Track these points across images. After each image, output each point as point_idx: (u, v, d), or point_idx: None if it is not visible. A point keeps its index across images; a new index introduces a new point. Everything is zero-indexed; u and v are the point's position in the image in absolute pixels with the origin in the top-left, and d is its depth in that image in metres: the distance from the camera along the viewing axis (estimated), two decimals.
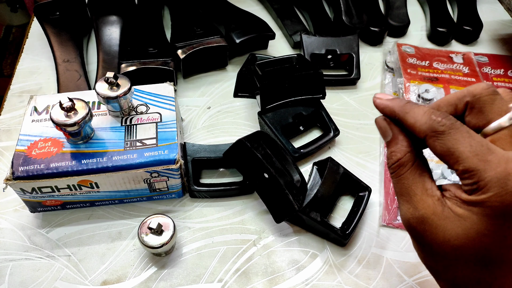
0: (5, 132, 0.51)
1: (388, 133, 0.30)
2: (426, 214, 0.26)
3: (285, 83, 0.50)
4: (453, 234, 0.25)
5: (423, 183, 0.27)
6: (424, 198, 0.27)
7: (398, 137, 0.29)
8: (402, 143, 0.29)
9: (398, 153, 0.29)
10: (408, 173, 0.28)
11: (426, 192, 0.27)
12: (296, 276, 0.41)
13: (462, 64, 0.60)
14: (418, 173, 0.28)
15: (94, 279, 0.40)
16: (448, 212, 0.26)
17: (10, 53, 1.64)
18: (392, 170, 0.29)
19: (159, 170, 0.41)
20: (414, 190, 0.27)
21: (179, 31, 0.58)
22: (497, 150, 0.25)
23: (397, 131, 0.29)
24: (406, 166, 0.28)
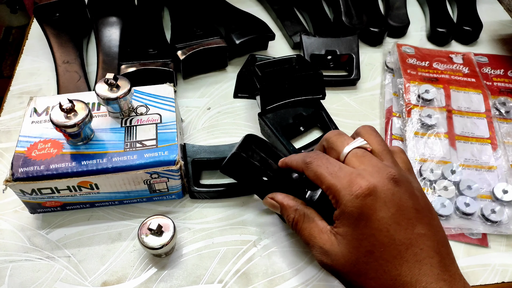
0: (5, 133, 0.51)
1: (276, 205, 0.37)
2: (327, 247, 0.32)
3: (285, 84, 0.50)
4: (347, 254, 0.30)
5: (316, 226, 0.33)
6: (321, 237, 0.32)
7: (284, 204, 0.37)
8: (288, 206, 0.36)
9: (290, 215, 0.36)
10: (303, 224, 0.34)
11: (321, 231, 0.33)
12: (297, 277, 0.41)
13: (462, 65, 0.60)
14: (311, 220, 0.34)
15: (94, 280, 0.40)
16: (339, 238, 0.31)
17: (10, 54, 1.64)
18: (294, 229, 0.35)
19: (159, 171, 0.41)
20: (313, 235, 0.33)
21: (179, 32, 0.58)
22: (346, 168, 0.32)
23: (281, 199, 0.37)
24: (300, 221, 0.35)
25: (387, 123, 0.53)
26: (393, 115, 0.54)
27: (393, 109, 0.55)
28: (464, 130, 0.52)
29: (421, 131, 0.51)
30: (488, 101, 0.55)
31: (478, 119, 0.53)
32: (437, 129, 0.51)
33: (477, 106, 0.54)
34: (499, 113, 0.55)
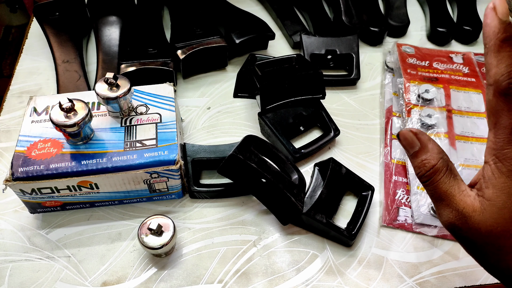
0: (5, 133, 0.51)
1: (415, 143, 0.31)
2: (468, 213, 0.28)
3: (285, 84, 0.50)
4: (493, 224, 0.27)
5: (458, 186, 0.29)
6: (463, 199, 0.29)
7: (427, 146, 0.31)
8: (433, 150, 0.30)
9: (431, 160, 0.30)
10: (445, 177, 0.30)
11: (463, 193, 0.29)
12: (297, 277, 0.41)
13: (462, 64, 0.60)
14: (453, 177, 0.30)
15: (94, 280, 0.40)
16: (485, 205, 0.27)
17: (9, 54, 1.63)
18: (427, 178, 0.30)
19: (159, 171, 0.41)
20: (452, 193, 0.29)
21: (179, 32, 0.58)
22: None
23: (426, 140, 0.31)
24: (441, 172, 0.30)
25: (387, 123, 0.53)
26: (393, 115, 0.54)
27: (393, 109, 0.55)
28: (464, 130, 0.52)
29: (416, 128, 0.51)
30: None
31: (478, 119, 0.53)
32: (437, 129, 0.51)
33: (477, 106, 0.54)
34: None
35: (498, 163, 0.27)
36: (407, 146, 0.32)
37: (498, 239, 0.27)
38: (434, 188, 0.30)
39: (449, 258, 0.42)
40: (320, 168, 0.46)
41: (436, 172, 0.30)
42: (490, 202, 0.27)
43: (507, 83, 0.25)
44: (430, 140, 0.31)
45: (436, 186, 0.30)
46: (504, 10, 0.26)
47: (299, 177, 0.44)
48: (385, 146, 0.51)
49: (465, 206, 0.28)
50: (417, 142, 0.31)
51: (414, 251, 0.43)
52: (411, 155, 0.31)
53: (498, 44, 0.26)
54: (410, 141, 0.31)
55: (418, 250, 0.43)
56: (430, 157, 0.30)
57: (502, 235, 0.27)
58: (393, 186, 0.47)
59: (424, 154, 0.31)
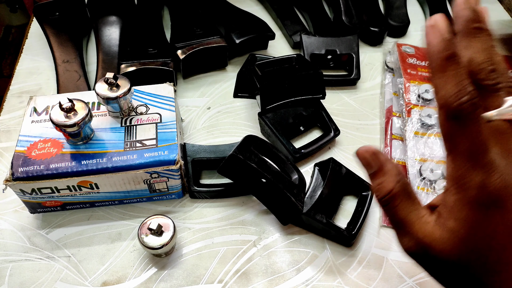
0: (5, 132, 0.51)
1: (372, 164, 0.28)
2: (427, 242, 0.26)
3: (285, 84, 0.50)
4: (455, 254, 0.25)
5: (417, 211, 0.27)
6: (421, 227, 0.27)
7: (384, 168, 0.28)
8: (390, 172, 0.28)
9: (388, 184, 0.28)
10: (402, 203, 0.27)
11: (421, 220, 0.27)
12: (297, 277, 0.41)
13: None
14: (410, 202, 0.27)
15: (94, 280, 0.40)
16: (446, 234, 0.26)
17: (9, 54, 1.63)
18: (384, 203, 0.28)
19: (159, 170, 0.41)
20: (410, 220, 0.27)
21: (179, 32, 0.58)
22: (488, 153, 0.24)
23: (383, 161, 0.28)
24: (399, 197, 0.27)
25: (387, 123, 0.53)
26: (393, 115, 0.54)
27: (393, 109, 0.55)
28: None
29: (421, 130, 0.51)
30: None
31: None
32: (437, 129, 0.51)
33: None
34: None
35: (460, 193, 0.25)
36: (364, 166, 0.29)
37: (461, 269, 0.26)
38: (393, 214, 0.28)
39: None
40: (320, 168, 0.46)
41: (393, 197, 0.28)
42: (453, 232, 0.25)
43: (457, 105, 0.23)
44: (387, 161, 0.28)
45: (394, 212, 0.28)
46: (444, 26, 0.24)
47: (299, 177, 0.44)
48: (385, 146, 0.51)
49: (425, 235, 0.26)
50: (374, 162, 0.28)
51: None
52: (369, 176, 0.29)
53: (443, 63, 0.24)
54: (367, 161, 0.29)
55: None
56: (386, 180, 0.28)
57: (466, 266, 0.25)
58: None
59: (381, 176, 0.28)
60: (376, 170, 0.28)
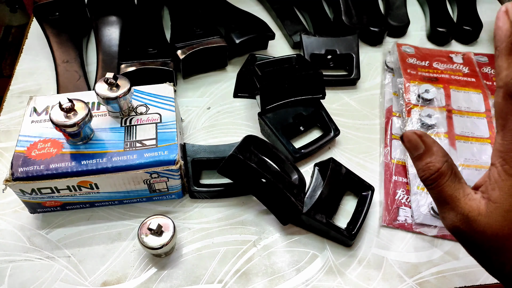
0: (5, 133, 0.51)
1: (420, 146, 0.30)
2: (473, 216, 0.28)
3: (285, 84, 0.50)
4: (500, 226, 0.27)
5: (463, 189, 0.29)
6: (468, 202, 0.28)
7: (432, 148, 0.30)
8: (438, 153, 0.30)
9: (436, 163, 0.29)
10: (449, 181, 0.29)
11: (468, 197, 0.28)
12: (297, 277, 0.41)
13: (462, 64, 0.60)
14: (457, 180, 0.29)
15: (94, 280, 0.40)
16: (491, 207, 0.27)
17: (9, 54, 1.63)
18: (432, 181, 0.30)
19: (159, 171, 0.41)
20: (457, 197, 0.29)
21: (179, 32, 0.58)
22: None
23: (430, 142, 0.30)
24: (446, 175, 0.29)
25: (387, 123, 0.53)
26: (393, 115, 0.54)
27: (393, 109, 0.55)
28: (464, 130, 0.52)
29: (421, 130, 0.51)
30: (488, 101, 0.55)
31: (478, 119, 0.53)
32: (437, 129, 0.51)
33: (477, 106, 0.54)
34: None
35: (505, 166, 0.27)
36: (411, 148, 0.31)
37: (504, 241, 0.27)
38: (439, 192, 0.30)
39: (449, 258, 0.42)
40: (320, 168, 0.46)
41: (441, 175, 0.29)
42: (497, 204, 0.27)
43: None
44: (434, 142, 0.30)
45: (441, 190, 0.29)
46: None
47: (299, 177, 0.44)
48: (385, 146, 0.51)
49: (471, 210, 0.28)
50: (422, 144, 0.30)
51: (414, 251, 0.43)
52: (415, 158, 0.31)
53: (510, 47, 0.25)
54: (414, 143, 0.30)
55: (418, 250, 0.43)
56: (435, 160, 0.30)
57: (508, 238, 0.27)
58: (393, 186, 0.47)
59: (428, 157, 0.30)
60: (423, 151, 0.30)
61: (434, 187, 0.30)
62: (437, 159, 0.30)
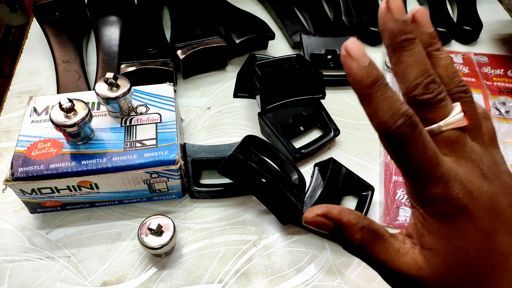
0: (5, 132, 0.51)
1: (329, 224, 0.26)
2: (413, 274, 0.25)
3: (285, 84, 0.50)
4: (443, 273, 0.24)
5: (391, 246, 0.25)
6: (402, 260, 0.25)
7: (342, 221, 0.25)
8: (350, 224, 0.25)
9: (355, 235, 0.25)
10: (377, 246, 0.25)
11: (399, 253, 0.25)
12: (297, 277, 0.41)
13: (462, 64, 0.60)
14: (382, 240, 0.25)
15: (94, 280, 0.40)
16: (427, 256, 0.24)
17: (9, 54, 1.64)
18: (360, 253, 0.26)
19: (159, 171, 0.41)
20: (390, 259, 0.25)
21: (179, 32, 0.58)
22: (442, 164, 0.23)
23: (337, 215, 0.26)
24: (371, 242, 0.25)
25: None
26: None
27: None
28: None
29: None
30: (488, 101, 0.55)
31: None
32: None
33: None
34: (499, 113, 0.55)
35: (425, 208, 0.24)
36: (322, 229, 0.26)
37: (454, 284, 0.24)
38: (373, 260, 0.26)
39: None
40: (320, 168, 0.46)
41: (366, 244, 0.25)
42: (432, 251, 0.24)
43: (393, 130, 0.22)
44: (340, 212, 0.26)
45: (372, 258, 0.25)
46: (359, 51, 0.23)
47: (299, 177, 0.44)
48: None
49: (409, 267, 0.25)
50: (329, 223, 0.26)
51: None
52: (331, 235, 0.26)
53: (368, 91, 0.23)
54: (320, 223, 0.26)
55: None
56: (351, 232, 0.25)
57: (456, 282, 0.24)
58: (393, 186, 0.47)
59: (345, 231, 0.26)
60: (335, 229, 0.26)
61: (366, 260, 0.26)
62: (353, 230, 0.25)
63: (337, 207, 0.26)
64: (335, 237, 0.26)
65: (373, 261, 0.26)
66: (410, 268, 0.25)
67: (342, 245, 0.26)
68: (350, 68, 0.23)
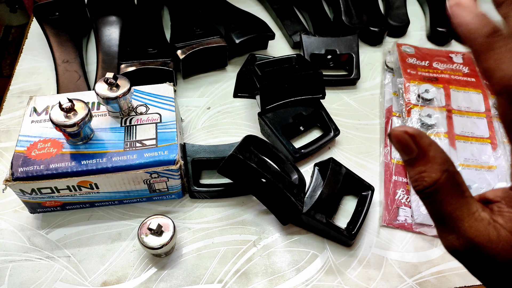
0: (5, 132, 0.51)
1: (412, 149, 0.23)
2: (480, 242, 0.22)
3: (284, 83, 0.50)
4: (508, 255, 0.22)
5: (468, 206, 0.23)
6: (473, 225, 0.23)
7: (428, 153, 0.23)
8: (435, 160, 0.23)
9: (432, 174, 0.23)
10: (450, 196, 0.23)
11: (473, 217, 0.23)
12: (296, 277, 0.41)
13: (462, 64, 0.60)
14: (460, 194, 0.23)
15: (94, 280, 0.40)
16: (503, 234, 0.22)
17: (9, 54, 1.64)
18: (427, 194, 0.23)
19: (159, 170, 0.41)
20: (459, 217, 0.23)
21: (179, 32, 0.58)
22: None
23: (425, 145, 0.23)
24: (445, 189, 0.23)
25: (387, 123, 0.53)
26: (393, 115, 0.54)
27: (393, 109, 0.55)
28: (464, 130, 0.52)
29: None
30: (488, 100, 0.55)
31: (478, 118, 0.53)
32: (437, 129, 0.51)
33: (477, 105, 0.54)
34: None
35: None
36: (401, 151, 0.23)
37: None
38: (435, 208, 0.23)
39: (449, 258, 0.42)
40: (320, 168, 0.46)
41: (439, 189, 0.23)
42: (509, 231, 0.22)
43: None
44: (431, 145, 0.23)
45: (438, 206, 0.23)
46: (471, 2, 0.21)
47: (299, 177, 0.44)
48: (385, 146, 0.51)
49: (477, 235, 0.22)
50: (414, 147, 0.23)
51: (414, 251, 0.43)
52: (406, 162, 0.24)
53: (488, 41, 0.20)
54: (405, 145, 0.23)
55: (418, 250, 0.43)
56: (430, 169, 0.23)
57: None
58: (393, 186, 0.47)
59: (423, 164, 0.23)
60: (416, 156, 0.23)
61: (430, 202, 0.24)
62: (434, 167, 0.23)
63: (430, 139, 0.23)
64: (409, 166, 0.24)
65: (437, 210, 0.24)
66: (477, 235, 0.22)
67: (413, 180, 0.24)
68: (462, 17, 0.21)
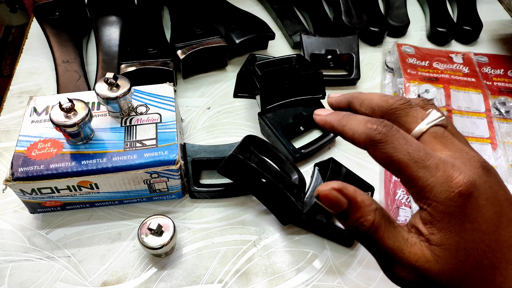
0: (5, 133, 0.51)
1: (343, 201, 0.25)
2: (422, 265, 0.24)
3: (285, 84, 0.50)
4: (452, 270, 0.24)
5: (401, 235, 0.25)
6: (411, 251, 0.24)
7: (357, 199, 0.25)
8: (364, 203, 0.25)
9: (368, 216, 0.25)
10: (386, 231, 0.25)
11: (408, 243, 0.25)
12: (297, 277, 0.41)
13: (462, 64, 0.60)
14: (392, 226, 0.25)
15: (94, 280, 0.40)
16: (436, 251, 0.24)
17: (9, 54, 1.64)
18: (368, 237, 0.25)
19: (159, 171, 0.41)
20: (398, 247, 0.25)
21: (179, 32, 0.58)
22: (434, 155, 0.24)
23: (352, 193, 0.25)
24: (381, 226, 0.25)
25: None
26: None
27: None
28: (464, 130, 0.52)
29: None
30: (488, 101, 0.55)
31: (478, 119, 0.53)
32: None
33: (477, 106, 0.54)
34: (499, 113, 0.55)
35: (432, 204, 0.24)
36: (332, 208, 0.25)
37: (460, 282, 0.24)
38: (378, 247, 0.25)
39: None
40: (320, 168, 0.46)
41: (377, 228, 0.25)
42: (441, 247, 0.24)
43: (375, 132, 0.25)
44: (356, 191, 0.25)
45: (380, 244, 0.25)
46: None
47: (299, 177, 0.44)
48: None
49: (417, 259, 0.24)
50: (344, 199, 0.25)
51: None
52: (339, 216, 0.25)
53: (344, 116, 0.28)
54: (335, 201, 0.25)
55: None
56: (364, 213, 0.25)
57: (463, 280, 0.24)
58: (393, 186, 0.47)
59: (356, 211, 0.25)
60: (348, 207, 0.25)
61: (371, 243, 0.25)
62: (366, 210, 0.25)
63: (352, 186, 0.25)
64: (343, 219, 0.25)
65: (378, 249, 0.25)
66: (418, 259, 0.24)
67: (349, 229, 0.26)
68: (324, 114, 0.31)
